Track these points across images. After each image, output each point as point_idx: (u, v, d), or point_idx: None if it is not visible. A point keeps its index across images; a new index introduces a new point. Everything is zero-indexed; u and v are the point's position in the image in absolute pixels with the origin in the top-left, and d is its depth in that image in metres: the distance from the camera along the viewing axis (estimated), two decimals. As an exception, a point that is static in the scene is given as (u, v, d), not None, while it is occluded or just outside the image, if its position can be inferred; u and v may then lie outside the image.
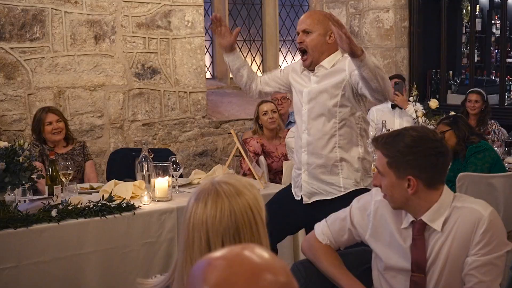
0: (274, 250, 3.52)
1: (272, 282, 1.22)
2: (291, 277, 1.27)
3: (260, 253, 1.27)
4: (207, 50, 7.71)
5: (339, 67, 3.63)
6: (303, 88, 3.74)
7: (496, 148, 5.51)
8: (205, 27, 7.13)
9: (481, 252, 2.47)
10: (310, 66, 3.70)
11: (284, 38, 8.52)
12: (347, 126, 3.66)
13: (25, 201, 4.00)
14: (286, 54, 8.56)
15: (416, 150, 2.50)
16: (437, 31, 8.06)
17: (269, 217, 1.96)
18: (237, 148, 4.71)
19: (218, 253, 1.27)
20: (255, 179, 4.53)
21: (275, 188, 4.64)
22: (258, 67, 8.37)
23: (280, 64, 8.45)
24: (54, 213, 3.76)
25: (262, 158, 5.72)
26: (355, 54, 3.17)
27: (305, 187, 3.74)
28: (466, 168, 4.87)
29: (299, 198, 3.79)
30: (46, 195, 4.20)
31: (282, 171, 5.50)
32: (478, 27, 8.65)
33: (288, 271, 1.27)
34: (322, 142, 3.67)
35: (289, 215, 3.81)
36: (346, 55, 3.67)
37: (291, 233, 4.14)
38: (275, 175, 5.75)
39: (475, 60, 8.41)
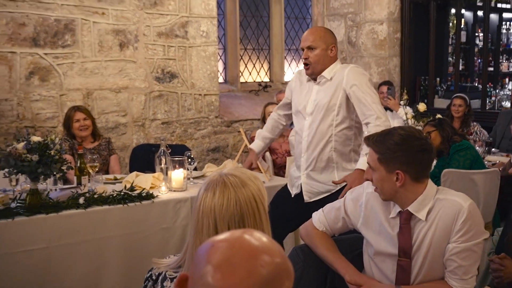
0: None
1: (269, 263, 1.22)
2: (286, 259, 1.27)
3: (258, 236, 1.27)
4: (220, 57, 7.70)
5: (338, 77, 3.64)
6: (306, 100, 3.74)
7: (477, 148, 5.50)
8: (218, 37, 7.13)
9: (461, 239, 2.47)
10: (312, 75, 3.71)
11: (289, 47, 8.51)
12: (343, 131, 3.67)
13: (56, 189, 4.03)
14: (291, 61, 8.56)
15: (404, 147, 2.50)
16: (426, 42, 8.05)
17: (272, 217, 1.97)
18: (246, 144, 4.71)
19: (221, 236, 1.28)
20: (261, 173, 4.53)
21: (279, 181, 4.64)
22: (266, 73, 8.38)
23: (285, 70, 8.45)
24: (81, 200, 3.78)
25: (267, 154, 5.72)
26: None
27: (305, 187, 3.76)
28: (450, 165, 4.87)
29: (297, 194, 3.81)
30: (74, 185, 4.21)
31: (285, 166, 5.50)
32: (463, 39, 8.65)
33: (284, 254, 1.27)
34: (320, 147, 3.68)
35: (290, 213, 3.81)
36: (344, 65, 3.70)
37: (294, 228, 4.13)
38: (279, 169, 5.75)
39: (460, 69, 8.42)
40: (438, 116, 5.74)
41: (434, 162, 5.05)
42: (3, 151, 3.59)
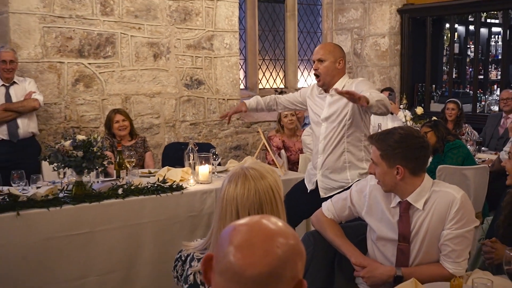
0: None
1: (284, 244, 1.22)
2: (299, 241, 1.27)
3: (275, 221, 1.27)
4: (241, 67, 7.69)
5: (349, 89, 3.62)
6: (321, 109, 3.75)
7: (469, 146, 5.47)
8: (239, 49, 7.13)
9: (454, 226, 2.45)
10: (323, 86, 3.72)
11: (302, 57, 8.49)
12: (354, 135, 3.68)
13: (98, 181, 4.06)
14: (303, 70, 8.53)
15: (403, 145, 2.48)
16: (423, 53, 8.00)
17: (288, 206, 1.97)
18: (263, 143, 4.71)
19: (242, 221, 1.27)
20: (277, 167, 4.52)
21: (292, 175, 4.64)
22: (281, 80, 8.37)
23: (298, 78, 8.43)
24: (120, 191, 3.80)
25: (283, 151, 5.71)
26: (363, 105, 3.20)
27: (321, 184, 3.77)
28: (444, 161, 4.84)
29: (312, 189, 3.81)
30: (114, 178, 4.25)
31: (298, 162, 5.49)
32: (456, 50, 8.60)
33: (297, 237, 1.27)
34: (335, 149, 3.70)
35: (304, 204, 3.81)
36: (353, 79, 3.71)
37: (306, 218, 4.15)
38: (292, 165, 5.74)
39: (453, 76, 8.36)
40: (434, 118, 5.71)
41: (430, 159, 5.01)
42: (52, 148, 3.62)
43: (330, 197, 3.57)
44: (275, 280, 1.19)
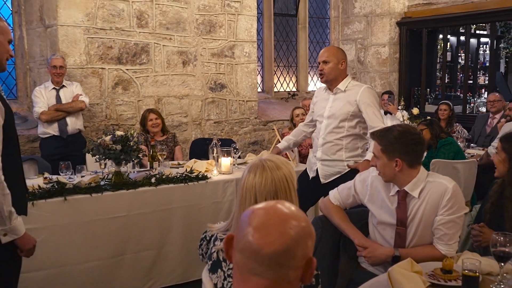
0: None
1: (296, 226, 1.21)
2: (310, 224, 1.26)
3: (288, 206, 1.26)
4: (259, 72, 7.69)
5: (352, 91, 3.61)
6: (324, 107, 3.71)
7: (459, 143, 5.41)
8: (257, 57, 7.12)
9: (446, 213, 2.42)
10: (326, 82, 3.68)
11: (312, 64, 8.45)
12: (353, 133, 3.64)
13: (134, 171, 4.08)
14: (313, 75, 8.49)
15: (402, 140, 2.46)
16: (419, 60, 7.94)
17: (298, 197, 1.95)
18: (278, 139, 4.70)
19: (259, 205, 1.27)
20: (290, 160, 4.51)
21: (303, 167, 4.59)
22: (294, 84, 8.34)
23: (308, 82, 8.40)
24: (153, 180, 3.82)
25: (295, 146, 5.69)
26: None
27: (321, 172, 3.74)
28: (437, 156, 4.79)
29: (313, 177, 3.79)
30: (148, 168, 4.27)
31: (308, 155, 5.46)
32: (448, 58, 8.53)
33: (308, 220, 1.26)
34: (333, 143, 3.66)
35: (310, 192, 3.79)
36: (358, 83, 3.67)
37: (313, 203, 4.11)
38: (303, 158, 5.72)
39: (446, 81, 8.27)
40: (428, 118, 5.65)
41: (425, 153, 4.97)
42: (95, 142, 3.65)
43: (330, 182, 3.58)
44: (288, 257, 1.19)
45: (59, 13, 5.34)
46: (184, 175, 3.98)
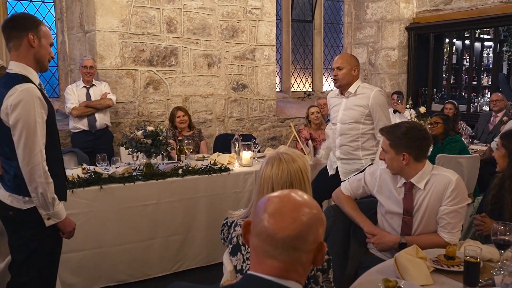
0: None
1: (308, 213, 1.21)
2: (321, 211, 1.25)
3: (301, 194, 1.26)
4: (277, 74, 7.66)
5: (363, 94, 3.58)
6: (338, 111, 3.69)
7: (463, 139, 5.33)
8: (276, 59, 7.09)
9: (450, 203, 2.39)
10: (340, 87, 3.65)
11: (326, 66, 8.39)
12: (367, 132, 3.61)
13: (163, 163, 4.10)
14: (327, 77, 8.43)
15: (408, 136, 2.43)
16: (426, 63, 7.82)
17: (314, 189, 1.94)
18: (294, 135, 4.68)
19: (274, 194, 1.27)
20: (305, 154, 4.49)
21: (317, 161, 4.59)
22: (310, 85, 8.29)
23: (323, 83, 8.35)
24: (180, 171, 3.84)
25: (310, 142, 5.65)
26: None
27: (341, 170, 3.73)
28: (444, 152, 4.72)
29: (332, 174, 3.78)
30: (175, 160, 4.29)
31: (322, 150, 5.44)
32: (454, 60, 8.37)
33: (319, 207, 1.26)
34: (350, 144, 3.64)
35: (327, 186, 3.77)
36: (369, 85, 3.63)
37: (328, 198, 4.09)
38: (318, 152, 5.68)
39: (451, 82, 8.14)
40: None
41: (431, 148, 4.92)
42: (128, 137, 3.68)
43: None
44: (300, 241, 1.19)
45: (97, 20, 5.39)
46: (208, 167, 3.99)
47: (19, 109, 2.13)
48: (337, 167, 3.74)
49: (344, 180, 3.61)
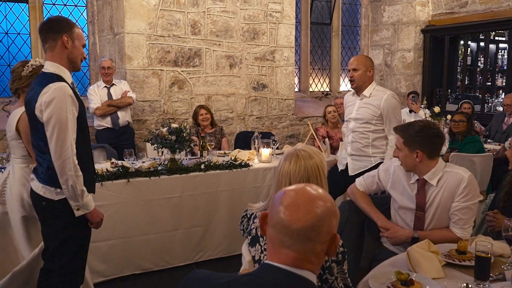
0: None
1: (322, 205, 1.21)
2: (334, 204, 1.25)
3: (316, 188, 1.26)
4: (296, 74, 7.64)
5: (376, 97, 3.55)
6: (351, 110, 3.67)
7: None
8: (295, 60, 7.07)
9: (462, 200, 2.36)
10: (356, 88, 3.63)
11: (343, 67, 8.32)
12: (378, 131, 3.57)
13: (186, 159, 4.13)
14: (344, 77, 8.37)
15: (422, 134, 2.40)
16: (441, 64, 7.70)
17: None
18: (312, 133, 4.67)
19: (290, 187, 1.27)
20: (322, 151, 4.47)
21: (333, 158, 4.56)
22: (327, 85, 8.24)
23: (340, 83, 8.29)
24: (202, 166, 3.86)
25: (326, 139, 5.64)
26: None
27: (350, 166, 3.70)
28: (462, 150, 4.66)
29: (342, 170, 3.75)
30: (198, 156, 4.31)
31: (338, 148, 5.40)
32: (469, 62, 8.21)
33: (333, 201, 1.25)
34: (361, 141, 3.61)
35: (338, 183, 3.74)
36: (382, 88, 3.59)
37: (339, 195, 4.05)
38: (334, 150, 5.65)
39: (466, 83, 7.99)
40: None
41: (446, 145, 4.85)
42: (153, 133, 3.72)
43: (357, 174, 3.53)
44: (314, 232, 1.19)
45: (126, 23, 5.45)
46: (229, 162, 4.01)
47: (52, 107, 2.17)
48: (347, 163, 3.71)
49: (351, 176, 3.61)
